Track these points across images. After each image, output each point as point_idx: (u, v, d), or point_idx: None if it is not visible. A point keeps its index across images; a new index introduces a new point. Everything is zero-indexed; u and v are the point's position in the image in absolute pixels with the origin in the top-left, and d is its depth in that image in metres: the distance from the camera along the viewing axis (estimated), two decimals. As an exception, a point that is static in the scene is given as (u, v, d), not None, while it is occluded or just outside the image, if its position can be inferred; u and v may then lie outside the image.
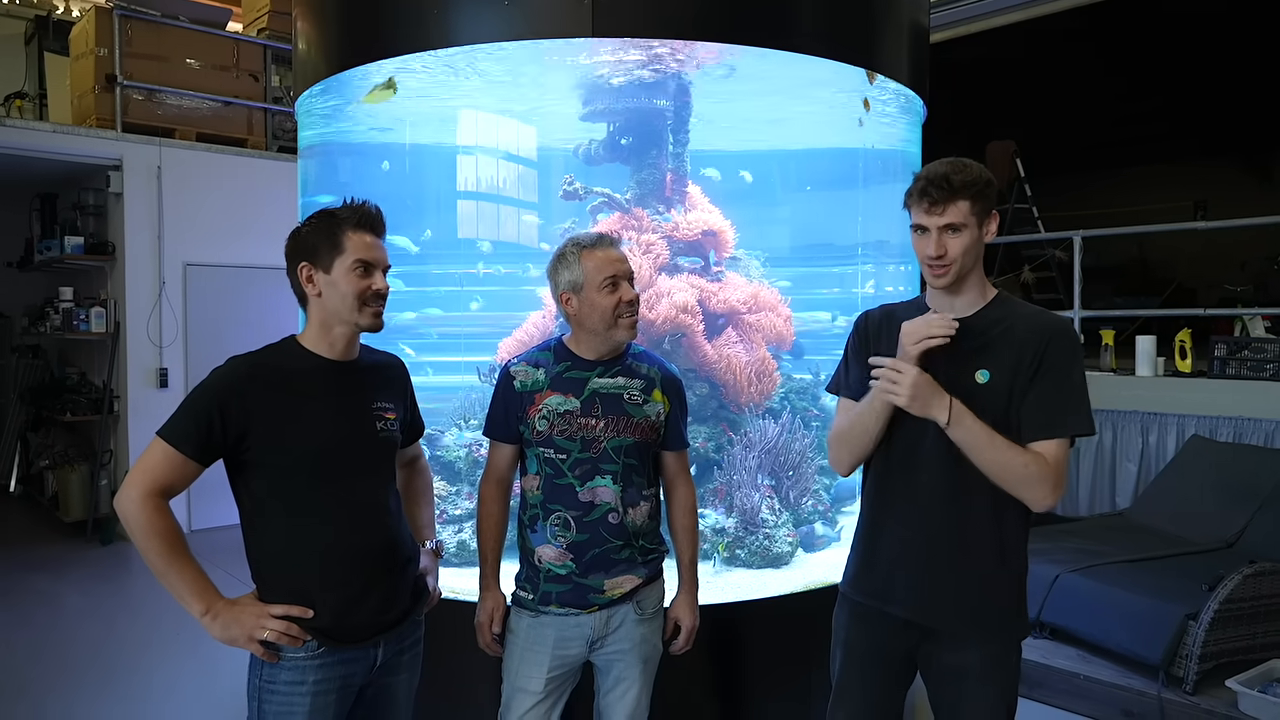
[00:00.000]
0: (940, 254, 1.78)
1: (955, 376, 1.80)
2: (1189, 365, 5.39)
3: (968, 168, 1.79)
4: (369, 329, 1.82)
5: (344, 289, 1.77)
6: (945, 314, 1.83)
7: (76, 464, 6.65)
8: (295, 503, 1.75)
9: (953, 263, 1.79)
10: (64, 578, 5.46)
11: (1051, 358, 1.77)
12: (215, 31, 7.01)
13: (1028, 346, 1.78)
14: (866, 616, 1.96)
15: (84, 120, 6.54)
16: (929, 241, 1.79)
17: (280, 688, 1.73)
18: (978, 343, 1.82)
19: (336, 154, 3.54)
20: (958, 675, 1.87)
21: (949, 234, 1.78)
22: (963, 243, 1.78)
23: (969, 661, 1.85)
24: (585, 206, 3.33)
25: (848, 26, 2.76)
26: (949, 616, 1.85)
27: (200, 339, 6.54)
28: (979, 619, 1.85)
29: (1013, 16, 6.87)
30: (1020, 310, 1.88)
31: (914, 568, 1.87)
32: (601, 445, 2.00)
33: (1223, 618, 3.33)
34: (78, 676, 3.95)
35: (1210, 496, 4.47)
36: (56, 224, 6.95)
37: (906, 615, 1.89)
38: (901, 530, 1.89)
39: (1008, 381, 1.78)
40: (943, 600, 1.85)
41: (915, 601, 1.87)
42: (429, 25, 2.58)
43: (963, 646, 1.86)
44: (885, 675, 1.96)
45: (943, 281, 1.82)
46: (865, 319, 2.04)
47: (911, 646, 1.92)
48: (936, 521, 1.85)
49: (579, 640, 2.02)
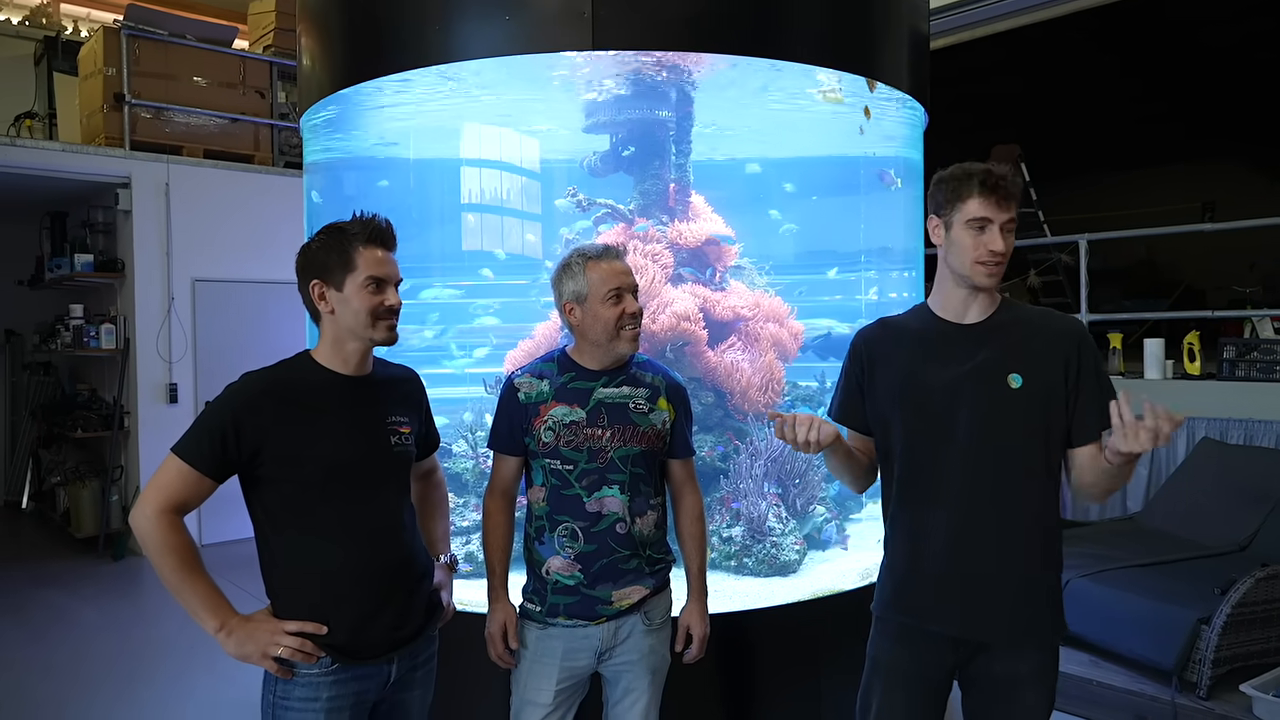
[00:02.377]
0: (1005, 250, 1.77)
1: (984, 382, 1.78)
2: (1198, 368, 5.36)
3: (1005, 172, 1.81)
4: (383, 343, 1.82)
5: (357, 306, 1.77)
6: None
7: (87, 480, 6.68)
8: (310, 518, 1.75)
9: (1004, 261, 1.79)
10: (77, 593, 5.48)
11: (1085, 360, 1.79)
12: (222, 49, 7.07)
13: (1057, 350, 1.79)
14: (909, 638, 1.89)
15: (93, 139, 6.60)
16: (993, 236, 1.76)
17: (294, 704, 1.73)
18: (999, 346, 1.80)
19: (341, 169, 3.57)
20: (1011, 685, 1.83)
21: (1008, 232, 1.78)
22: (1012, 242, 1.79)
23: (1022, 671, 1.82)
24: (589, 217, 3.35)
25: (847, 35, 2.77)
26: (1004, 627, 1.82)
27: (209, 354, 6.57)
28: (1033, 626, 1.83)
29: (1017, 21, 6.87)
30: (1030, 313, 1.88)
31: (961, 581, 1.81)
32: (608, 455, 2.00)
33: (1236, 622, 3.31)
34: (93, 692, 3.96)
35: (1222, 499, 4.43)
36: (66, 242, 7.01)
37: (957, 632, 1.83)
38: (940, 544, 1.82)
39: (1044, 385, 1.77)
40: (996, 611, 1.81)
41: (967, 616, 1.81)
42: (431, 41, 2.61)
43: (1017, 657, 1.82)
44: (928, 698, 1.90)
45: (994, 280, 1.79)
46: (860, 339, 1.99)
47: (959, 663, 1.86)
48: (978, 530, 1.80)
49: (587, 651, 2.02)
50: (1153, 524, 4.62)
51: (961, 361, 1.79)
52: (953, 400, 1.79)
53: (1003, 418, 1.76)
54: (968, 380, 1.78)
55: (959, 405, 1.79)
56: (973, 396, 1.77)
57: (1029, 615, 1.81)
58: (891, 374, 1.88)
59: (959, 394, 1.79)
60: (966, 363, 1.79)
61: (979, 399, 1.77)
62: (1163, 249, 11.70)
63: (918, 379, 1.84)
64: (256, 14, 7.78)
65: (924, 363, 1.84)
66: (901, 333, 1.92)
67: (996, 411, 1.75)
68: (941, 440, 1.80)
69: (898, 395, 1.86)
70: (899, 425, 1.86)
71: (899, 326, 1.95)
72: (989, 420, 1.77)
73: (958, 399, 1.79)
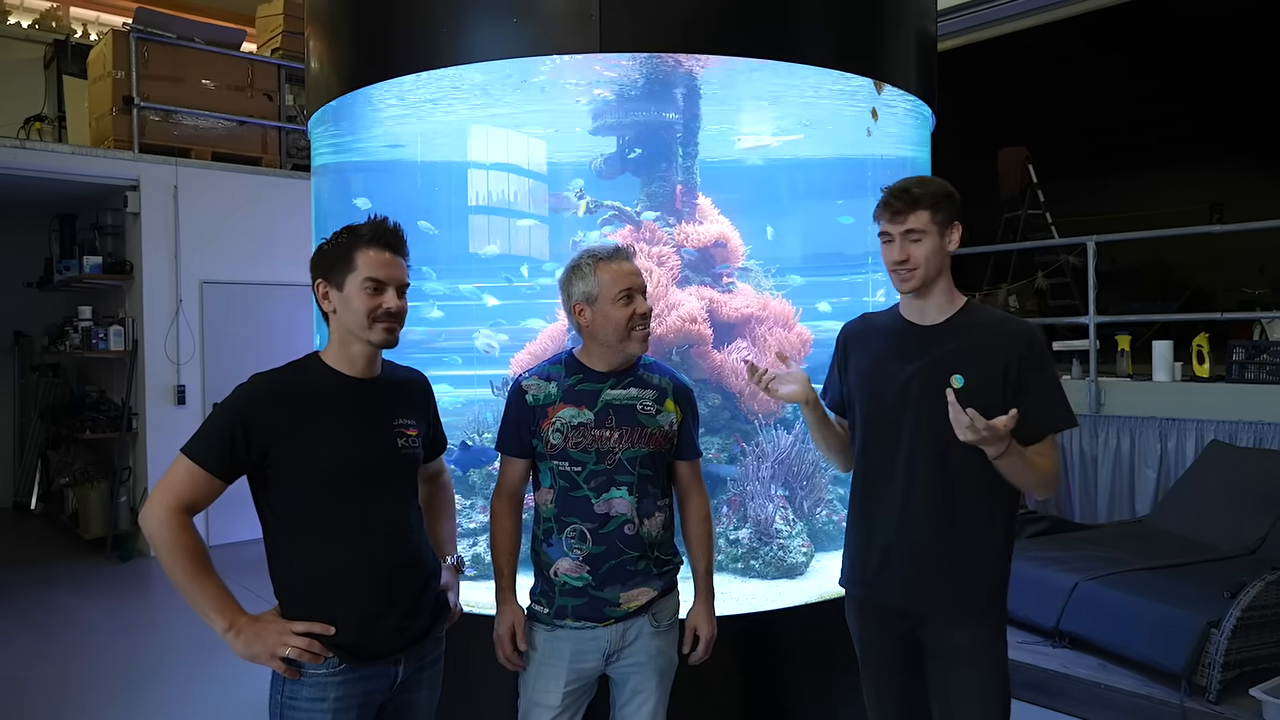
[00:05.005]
0: (904, 258, 1.92)
1: (931, 381, 1.90)
2: (1207, 370, 5.34)
3: (928, 182, 1.96)
4: (382, 345, 1.83)
5: (355, 306, 1.77)
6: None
7: (96, 481, 6.71)
8: (317, 520, 1.76)
9: (916, 267, 1.92)
10: (86, 594, 5.51)
11: (1028, 362, 1.90)
12: (230, 52, 7.10)
13: (999, 354, 1.90)
14: (868, 612, 2.06)
15: (102, 141, 6.63)
16: (894, 248, 1.94)
17: (302, 704, 1.73)
18: (950, 347, 1.93)
19: (349, 171, 3.57)
20: (950, 657, 1.94)
21: (910, 241, 1.91)
22: (924, 249, 1.91)
23: (960, 643, 1.93)
24: (596, 220, 3.35)
25: (855, 37, 2.77)
26: (934, 599, 1.94)
27: (217, 356, 6.60)
28: (966, 600, 1.93)
29: (1024, 22, 6.86)
30: (986, 317, 1.99)
31: (901, 554, 1.96)
32: (616, 457, 2.00)
33: (1246, 625, 3.29)
34: (101, 692, 3.97)
35: (1231, 502, 4.41)
36: (75, 244, 7.04)
37: (898, 602, 1.98)
38: (889, 520, 1.97)
39: (982, 388, 1.88)
40: (928, 583, 1.93)
41: (904, 587, 1.96)
42: (439, 44, 2.61)
43: (950, 628, 1.94)
44: (896, 669, 2.04)
45: (909, 285, 1.94)
46: (843, 331, 2.18)
47: (906, 634, 2.00)
48: (920, 507, 1.93)
49: (595, 653, 2.02)
50: (1161, 527, 4.60)
51: (915, 360, 1.95)
52: (903, 394, 1.95)
53: (944, 416, 1.82)
54: (916, 378, 1.93)
55: (907, 400, 1.95)
56: (919, 393, 1.92)
57: (960, 589, 1.92)
58: (861, 366, 2.07)
59: (908, 389, 1.94)
60: (918, 361, 1.94)
61: (924, 396, 1.90)
62: (1172, 251, 11.64)
63: (878, 373, 2.02)
64: (264, 17, 7.81)
65: (885, 359, 2.02)
66: (874, 329, 2.10)
67: (938, 409, 1.83)
68: (891, 430, 1.97)
69: (861, 387, 2.05)
70: (861, 413, 2.05)
71: (874, 323, 2.13)
72: (933, 418, 1.88)
73: (907, 394, 1.95)
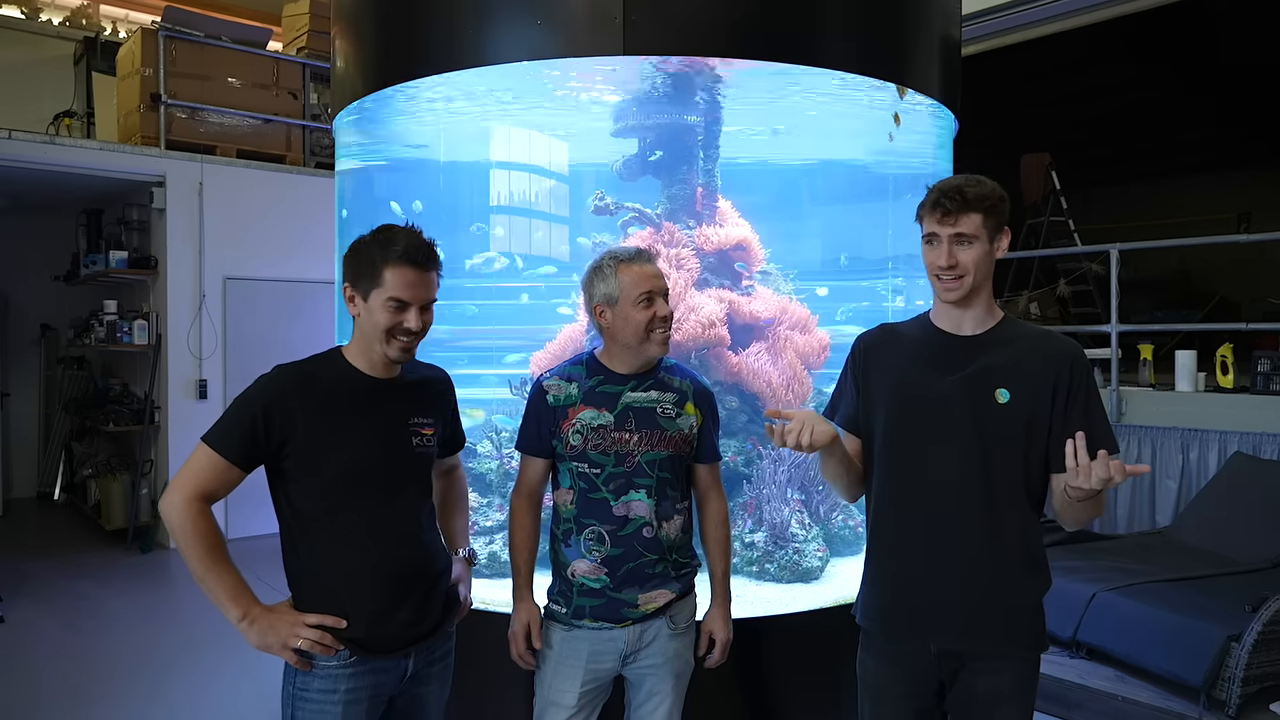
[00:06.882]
0: (951, 264, 1.78)
1: (972, 394, 1.79)
2: (1231, 380, 5.27)
3: (982, 183, 1.80)
4: (396, 361, 1.83)
5: (376, 319, 1.78)
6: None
7: (118, 473, 6.80)
8: (331, 515, 1.78)
9: (965, 274, 1.78)
10: (107, 584, 5.58)
11: (1075, 387, 1.78)
12: (256, 51, 7.17)
13: (1047, 373, 1.78)
14: (892, 655, 1.89)
15: (129, 138, 6.72)
16: (940, 251, 1.79)
17: (313, 695, 1.75)
18: (992, 360, 1.81)
19: (373, 170, 3.60)
20: (992, 702, 1.81)
21: (960, 245, 1.78)
22: (974, 255, 1.77)
23: (1004, 687, 1.81)
24: (616, 221, 3.36)
25: (879, 42, 2.76)
26: (981, 636, 1.81)
27: (239, 351, 6.66)
28: (1012, 636, 1.81)
29: (1050, 28, 6.81)
30: (1028, 331, 1.87)
31: (940, 590, 1.82)
32: (636, 459, 2.01)
33: (1267, 640, 3.25)
34: (120, 678, 4.02)
35: (1254, 515, 4.36)
36: (102, 239, 7.15)
37: (937, 642, 1.83)
38: (926, 556, 1.83)
39: (1028, 405, 1.77)
40: (982, 623, 1.80)
41: (952, 628, 1.81)
42: (464, 45, 2.63)
43: (997, 670, 1.81)
44: (915, 707, 1.88)
45: (954, 294, 1.81)
46: (861, 342, 2.01)
47: (942, 678, 1.85)
48: (964, 543, 1.80)
49: (612, 654, 2.03)
50: (1182, 538, 4.56)
51: (954, 371, 1.81)
52: (941, 408, 1.81)
53: (985, 429, 1.77)
54: (957, 390, 1.79)
55: (947, 414, 1.80)
56: (960, 406, 1.79)
57: (1007, 625, 1.81)
58: (887, 379, 1.90)
59: (947, 402, 1.81)
60: (958, 372, 1.81)
61: (965, 409, 1.78)
62: (1197, 260, 11.50)
63: (910, 386, 1.86)
64: (290, 16, 7.89)
65: (918, 370, 1.86)
66: (901, 339, 1.94)
67: (980, 423, 1.76)
68: (927, 447, 1.82)
69: (890, 400, 1.88)
70: (890, 430, 1.88)
71: (899, 333, 1.97)
72: (974, 432, 1.78)
73: (946, 407, 1.81)
